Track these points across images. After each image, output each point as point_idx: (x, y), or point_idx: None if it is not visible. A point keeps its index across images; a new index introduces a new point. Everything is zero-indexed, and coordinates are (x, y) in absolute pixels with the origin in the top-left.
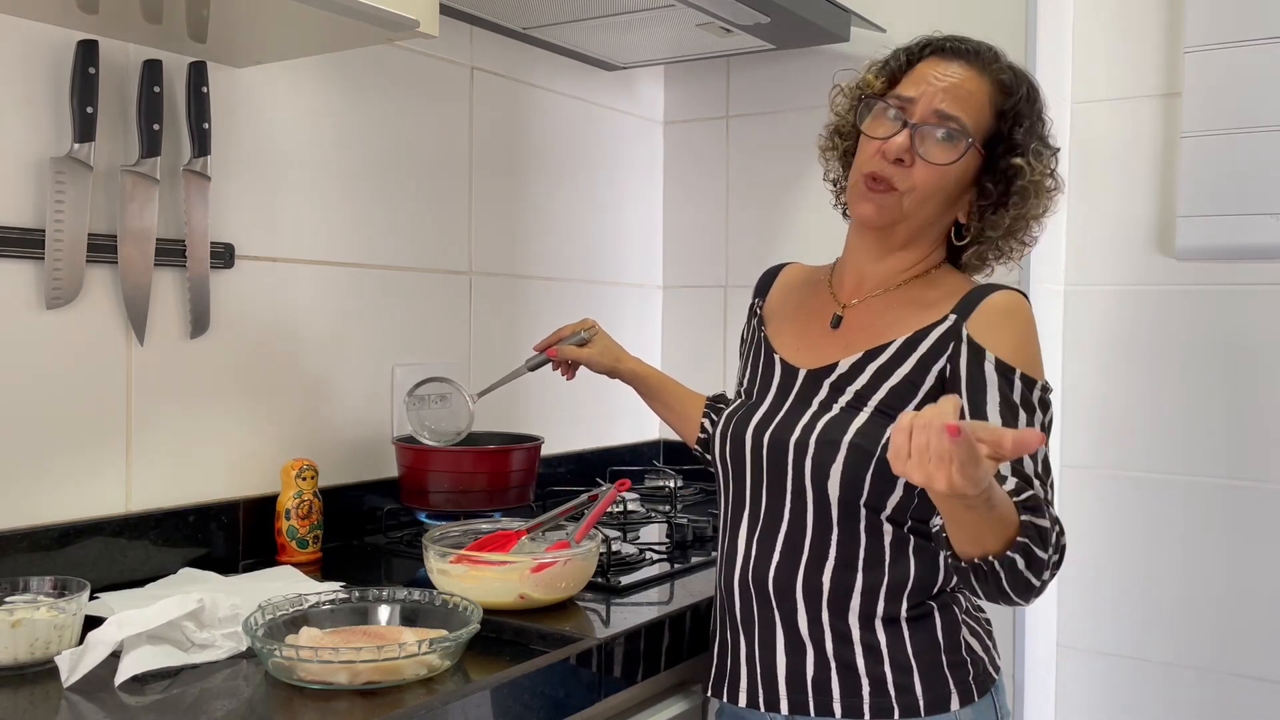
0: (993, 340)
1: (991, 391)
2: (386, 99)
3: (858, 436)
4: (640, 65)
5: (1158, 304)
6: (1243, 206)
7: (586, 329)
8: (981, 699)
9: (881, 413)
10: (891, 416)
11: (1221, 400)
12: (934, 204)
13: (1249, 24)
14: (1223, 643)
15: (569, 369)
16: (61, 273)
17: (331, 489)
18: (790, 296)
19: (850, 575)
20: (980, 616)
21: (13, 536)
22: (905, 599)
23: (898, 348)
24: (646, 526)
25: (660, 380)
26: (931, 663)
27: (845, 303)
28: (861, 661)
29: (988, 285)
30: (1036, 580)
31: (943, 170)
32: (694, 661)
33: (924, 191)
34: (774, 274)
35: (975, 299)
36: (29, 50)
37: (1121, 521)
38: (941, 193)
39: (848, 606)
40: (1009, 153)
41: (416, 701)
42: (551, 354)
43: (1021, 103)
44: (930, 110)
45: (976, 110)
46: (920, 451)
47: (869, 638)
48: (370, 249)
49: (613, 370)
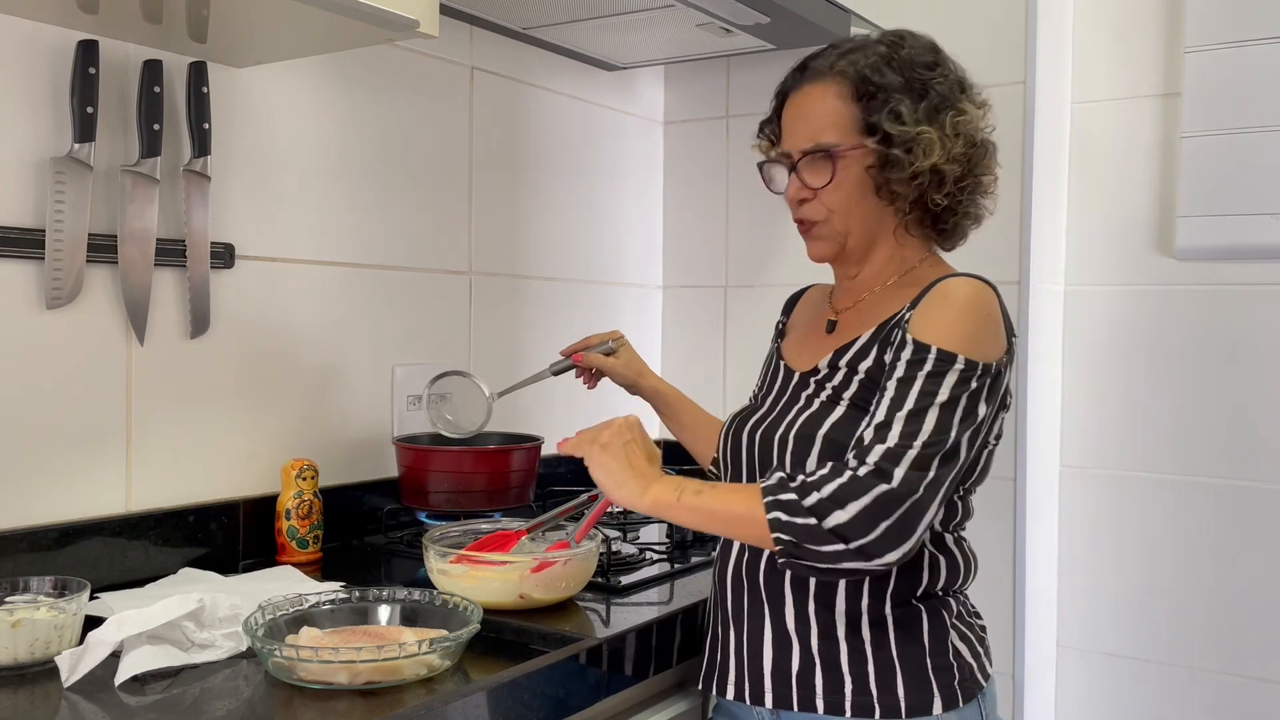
0: (921, 321)
1: (900, 368)
2: (386, 99)
3: (832, 431)
4: (640, 65)
5: (1158, 304)
6: (1243, 206)
7: (615, 339)
8: (967, 705)
9: (856, 406)
10: (865, 410)
11: (1221, 400)
12: (860, 212)
13: (1249, 24)
14: (1222, 643)
15: (592, 377)
16: (62, 273)
17: (331, 489)
18: (805, 311)
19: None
20: (975, 622)
21: (13, 536)
22: (889, 599)
23: (863, 343)
24: (646, 526)
25: (679, 399)
26: (916, 665)
27: (839, 309)
28: (846, 660)
29: (950, 274)
30: (817, 518)
31: (838, 184)
32: (694, 661)
33: (840, 209)
34: (799, 294)
35: (930, 288)
36: (29, 50)
37: (1121, 521)
38: (856, 201)
39: (833, 604)
40: (890, 121)
41: (416, 701)
42: (578, 359)
43: (872, 74)
44: (795, 150)
45: (831, 116)
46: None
47: (854, 636)
48: (370, 249)
49: (634, 384)
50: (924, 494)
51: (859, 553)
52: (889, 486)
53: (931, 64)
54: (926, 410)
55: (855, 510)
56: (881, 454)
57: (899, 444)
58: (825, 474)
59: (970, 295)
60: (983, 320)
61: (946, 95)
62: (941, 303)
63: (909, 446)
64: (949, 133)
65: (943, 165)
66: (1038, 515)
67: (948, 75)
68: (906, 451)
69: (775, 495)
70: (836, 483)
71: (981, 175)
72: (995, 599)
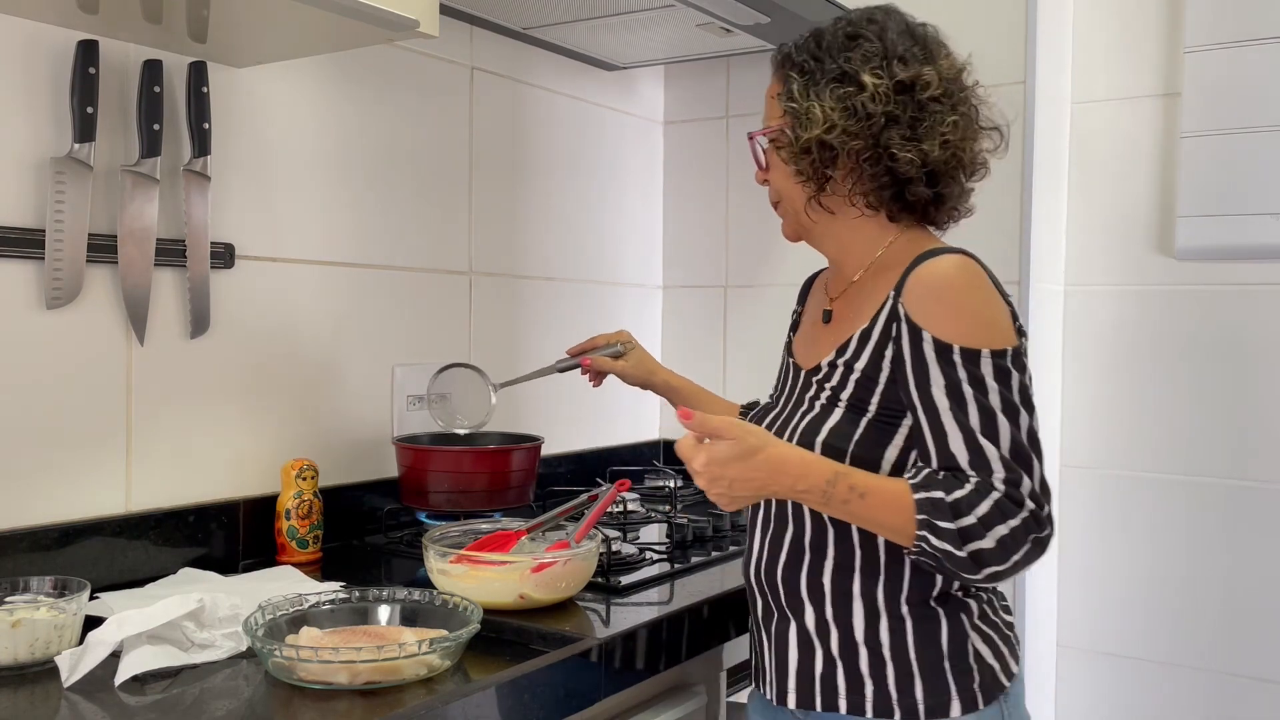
0: (926, 317)
1: (935, 376)
2: (386, 99)
3: (830, 436)
4: (640, 65)
5: (1158, 304)
6: (1243, 206)
7: (623, 341)
8: (988, 706)
9: (853, 409)
10: (863, 411)
11: (1221, 400)
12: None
13: (1249, 24)
14: (1223, 642)
15: (597, 378)
16: (61, 273)
17: (331, 489)
18: (814, 298)
19: (848, 577)
20: (1002, 619)
21: (13, 536)
22: (905, 601)
23: (856, 341)
24: (646, 526)
25: (694, 391)
26: (934, 667)
27: (833, 297)
28: (865, 662)
29: (927, 252)
30: (961, 550)
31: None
32: (694, 661)
33: (784, 190)
34: (811, 280)
35: (910, 271)
36: (29, 50)
37: (1121, 521)
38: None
39: (850, 608)
40: (785, 100)
41: (416, 701)
42: (585, 363)
43: (792, 57)
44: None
45: (768, 104)
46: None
47: (873, 639)
48: (370, 249)
49: (646, 383)
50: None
51: (992, 577)
52: (1030, 511)
53: (847, 40)
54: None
55: (999, 536)
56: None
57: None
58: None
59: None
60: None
61: (845, 70)
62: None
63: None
64: (830, 105)
65: (829, 138)
66: None
67: (858, 51)
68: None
69: (928, 516)
70: (986, 505)
71: (891, 147)
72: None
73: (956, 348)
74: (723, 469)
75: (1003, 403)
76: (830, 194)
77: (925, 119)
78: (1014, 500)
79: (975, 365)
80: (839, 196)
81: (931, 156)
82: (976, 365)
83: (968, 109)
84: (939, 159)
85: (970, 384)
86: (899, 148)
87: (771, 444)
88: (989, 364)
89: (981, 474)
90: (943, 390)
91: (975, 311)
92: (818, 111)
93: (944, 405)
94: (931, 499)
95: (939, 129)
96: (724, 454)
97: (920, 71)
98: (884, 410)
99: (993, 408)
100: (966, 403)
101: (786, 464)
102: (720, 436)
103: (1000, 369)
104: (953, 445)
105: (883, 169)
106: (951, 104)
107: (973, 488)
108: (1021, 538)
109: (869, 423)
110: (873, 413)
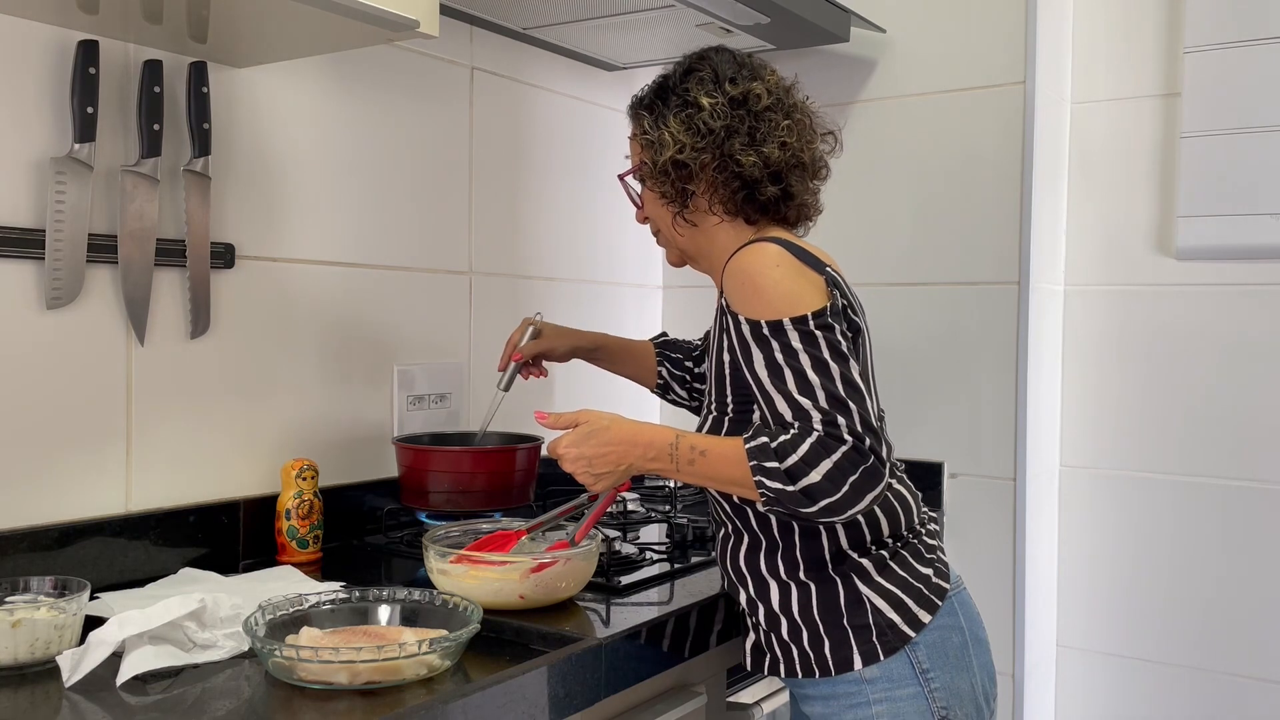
0: (738, 303)
1: (755, 353)
2: (386, 99)
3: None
4: (640, 65)
5: (1158, 304)
6: (1243, 206)
7: (532, 324)
8: (891, 657)
9: (737, 407)
10: (745, 408)
11: (1221, 400)
12: (668, 213)
13: (1249, 24)
14: (1222, 642)
15: (538, 368)
16: (62, 273)
17: (331, 489)
18: None
19: (756, 556)
20: (906, 575)
21: (13, 536)
22: (803, 570)
23: (714, 344)
24: (646, 526)
25: (620, 343)
26: (836, 625)
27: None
28: (785, 629)
29: (738, 248)
30: (793, 486)
31: (646, 201)
32: (694, 661)
33: (655, 217)
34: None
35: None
36: (29, 50)
37: (1121, 521)
38: (661, 205)
39: (766, 584)
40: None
41: (416, 701)
42: (516, 358)
43: (643, 102)
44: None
45: (633, 143)
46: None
47: (786, 608)
48: (370, 249)
49: (574, 349)
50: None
51: (828, 509)
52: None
53: (683, 75)
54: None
55: (825, 470)
56: (825, 421)
57: (829, 409)
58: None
59: (760, 257)
60: (772, 273)
61: (685, 99)
62: (741, 276)
63: (845, 408)
64: (677, 129)
65: (682, 157)
66: (1037, 515)
67: (693, 79)
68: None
69: (758, 460)
70: (807, 444)
71: (735, 155)
72: (995, 599)
73: (763, 323)
74: (579, 449)
75: (813, 361)
76: (693, 209)
77: (761, 127)
78: (834, 437)
79: (783, 335)
80: (700, 211)
81: (773, 158)
82: (784, 335)
83: (801, 115)
84: (780, 160)
85: (782, 353)
86: (742, 154)
87: (617, 423)
88: (794, 331)
89: (802, 422)
90: (763, 364)
91: (772, 287)
92: (668, 136)
93: (764, 376)
94: (759, 445)
95: (775, 134)
96: (577, 436)
97: (750, 87)
98: (739, 403)
99: (803, 368)
100: (782, 369)
101: (635, 435)
102: (574, 424)
103: (805, 333)
104: (779, 407)
105: (731, 175)
106: (784, 111)
107: (796, 431)
108: (848, 469)
109: (730, 422)
110: (732, 411)
